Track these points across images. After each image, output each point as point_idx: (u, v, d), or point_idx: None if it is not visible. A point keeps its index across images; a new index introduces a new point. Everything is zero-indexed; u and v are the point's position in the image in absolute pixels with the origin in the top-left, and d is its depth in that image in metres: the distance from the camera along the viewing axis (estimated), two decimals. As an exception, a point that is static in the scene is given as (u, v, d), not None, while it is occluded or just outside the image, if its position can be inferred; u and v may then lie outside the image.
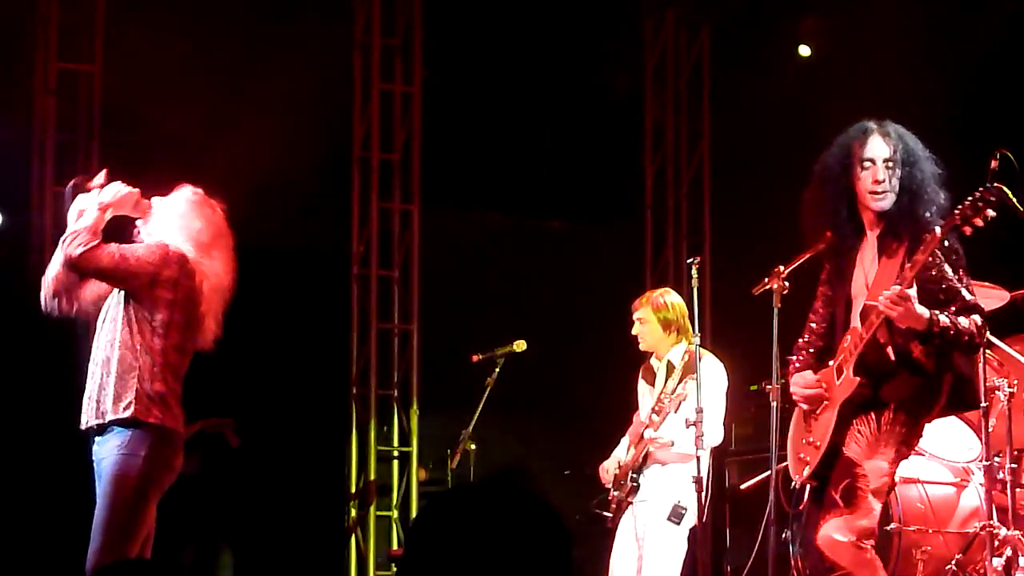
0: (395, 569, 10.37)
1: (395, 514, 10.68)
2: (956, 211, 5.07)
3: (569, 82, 11.17)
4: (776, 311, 6.15)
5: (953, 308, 5.21)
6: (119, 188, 5.86)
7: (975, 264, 5.42)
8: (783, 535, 7.90)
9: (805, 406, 5.57)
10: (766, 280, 6.25)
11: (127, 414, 5.58)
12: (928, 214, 5.31)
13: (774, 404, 6.27)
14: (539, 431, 11.06)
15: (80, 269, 5.66)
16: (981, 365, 6.55)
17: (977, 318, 5.25)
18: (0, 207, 9.84)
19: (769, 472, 6.26)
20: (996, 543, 6.65)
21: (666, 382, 7.41)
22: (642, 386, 7.81)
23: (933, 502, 7.14)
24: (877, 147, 5.38)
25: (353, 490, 10.68)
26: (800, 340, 5.74)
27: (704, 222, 11.82)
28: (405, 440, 10.82)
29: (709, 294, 10.83)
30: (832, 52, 10.71)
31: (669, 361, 7.54)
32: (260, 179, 9.46)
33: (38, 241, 9.83)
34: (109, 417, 5.61)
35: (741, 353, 8.34)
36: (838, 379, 5.40)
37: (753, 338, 7.73)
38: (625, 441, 7.82)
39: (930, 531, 7.04)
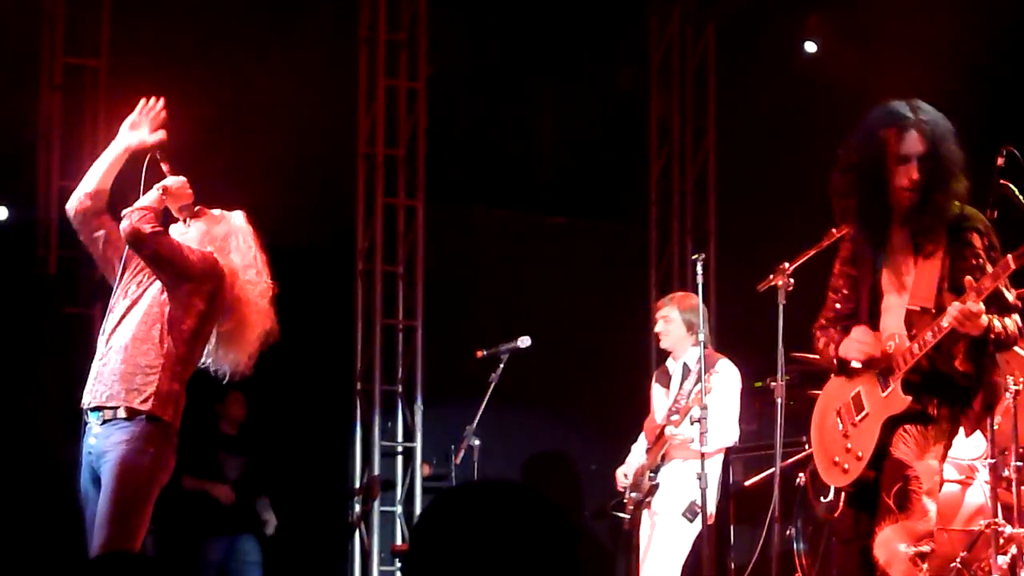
0: (399, 564, 10.37)
1: (399, 510, 10.68)
2: None
3: (575, 78, 11.16)
4: (781, 308, 6.14)
5: (994, 308, 5.10)
6: (184, 183, 5.93)
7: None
8: (787, 532, 7.90)
9: (858, 363, 5.33)
10: (771, 276, 6.24)
11: (145, 407, 5.60)
12: (953, 209, 5.18)
13: (779, 401, 6.27)
14: (543, 427, 11.06)
15: (141, 245, 5.66)
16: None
17: (1018, 318, 5.16)
18: (6, 201, 9.85)
19: (773, 469, 6.26)
20: (1001, 541, 6.65)
21: (682, 384, 7.48)
22: (656, 389, 7.87)
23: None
24: (913, 143, 5.17)
25: (357, 485, 10.68)
26: (823, 318, 5.54)
27: (709, 218, 11.81)
28: (409, 436, 10.82)
29: (714, 290, 10.85)
30: (837, 48, 10.70)
31: (685, 364, 7.61)
32: (265, 174, 9.47)
33: (44, 235, 9.85)
34: (120, 404, 5.61)
35: (746, 350, 8.34)
36: (883, 390, 5.27)
37: (758, 335, 7.74)
38: (639, 445, 7.87)
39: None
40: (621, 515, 7.70)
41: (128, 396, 5.63)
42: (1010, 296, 5.16)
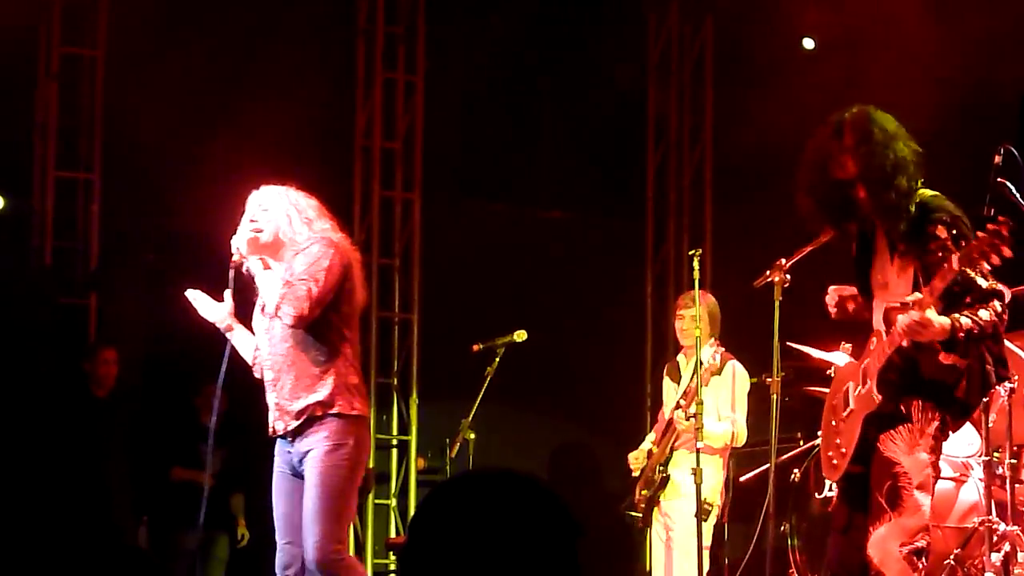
0: (393, 557, 10.37)
1: (393, 502, 10.68)
2: (973, 242, 4.96)
3: (572, 73, 11.14)
4: (777, 304, 6.14)
5: (969, 299, 5.14)
6: (244, 237, 5.86)
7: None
8: (781, 528, 7.91)
9: (832, 310, 5.55)
10: (767, 273, 6.24)
11: (334, 411, 5.70)
12: (904, 208, 5.26)
13: (774, 397, 6.27)
14: (538, 421, 11.07)
15: (305, 323, 5.72)
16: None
17: (997, 304, 5.16)
18: (2, 191, 9.84)
19: (768, 465, 6.27)
20: (995, 538, 6.65)
21: (692, 378, 7.54)
22: (667, 383, 7.92)
23: (932, 491, 7.13)
24: (847, 169, 5.31)
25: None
26: None
27: (705, 214, 11.81)
28: (404, 429, 10.82)
29: (710, 287, 10.83)
30: (836, 45, 10.68)
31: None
32: (261, 166, 9.44)
33: (39, 225, 9.84)
34: (311, 416, 5.70)
35: (741, 346, 8.34)
36: (863, 386, 5.34)
37: (754, 331, 7.74)
38: (651, 437, 7.92)
39: (929, 525, 7.03)
40: (634, 514, 7.74)
41: (318, 406, 5.72)
42: (984, 282, 5.15)
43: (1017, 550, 6.64)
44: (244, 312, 6.01)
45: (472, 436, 8.30)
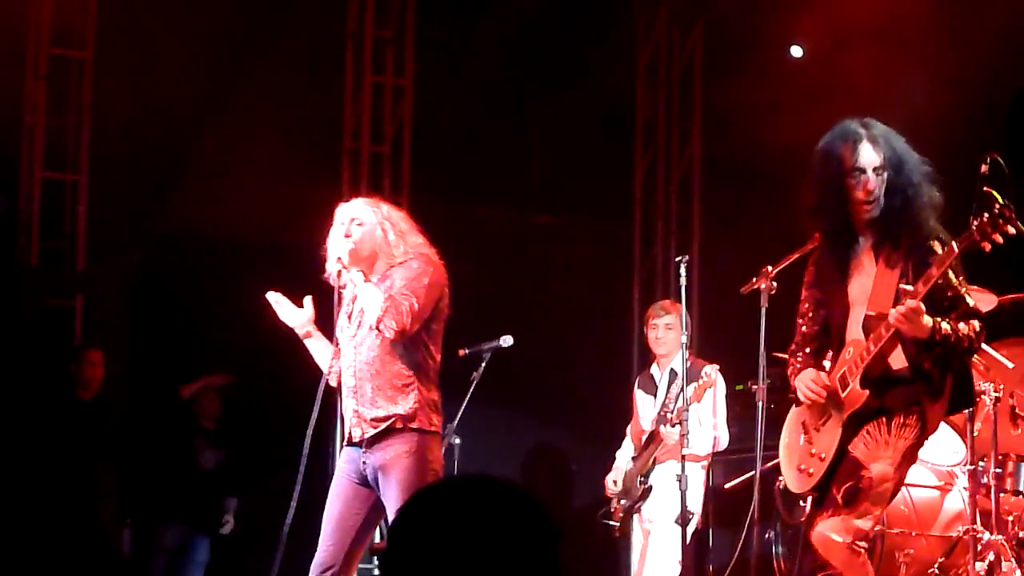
0: (377, 563, 10.35)
1: (378, 506, 10.65)
2: (975, 225, 5.00)
3: (561, 77, 11.14)
4: (763, 311, 6.15)
5: (955, 314, 5.23)
6: (343, 245, 5.96)
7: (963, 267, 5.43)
8: (766, 535, 7.92)
9: (808, 402, 5.49)
10: (754, 280, 6.25)
11: (415, 425, 5.78)
12: (924, 217, 5.30)
13: (760, 404, 6.27)
14: (524, 426, 11.05)
15: (405, 337, 5.79)
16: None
17: (976, 323, 5.27)
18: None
19: (753, 472, 6.27)
20: (979, 547, 6.67)
21: (668, 389, 7.53)
22: (641, 396, 7.90)
23: (917, 505, 7.15)
24: (866, 156, 5.32)
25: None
26: (793, 343, 5.70)
27: (693, 220, 11.81)
28: (390, 433, 10.79)
29: (697, 292, 10.84)
30: (824, 52, 10.70)
31: (672, 369, 7.65)
32: (250, 170, 9.45)
33: (26, 225, 9.83)
34: (392, 418, 5.77)
35: (728, 352, 8.35)
36: (843, 391, 5.38)
37: (740, 337, 7.74)
38: (624, 452, 7.90)
39: (913, 534, 7.05)
40: (610, 523, 7.74)
41: (398, 418, 5.79)
42: (971, 301, 5.28)
43: (1001, 559, 6.66)
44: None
45: (458, 441, 8.28)
